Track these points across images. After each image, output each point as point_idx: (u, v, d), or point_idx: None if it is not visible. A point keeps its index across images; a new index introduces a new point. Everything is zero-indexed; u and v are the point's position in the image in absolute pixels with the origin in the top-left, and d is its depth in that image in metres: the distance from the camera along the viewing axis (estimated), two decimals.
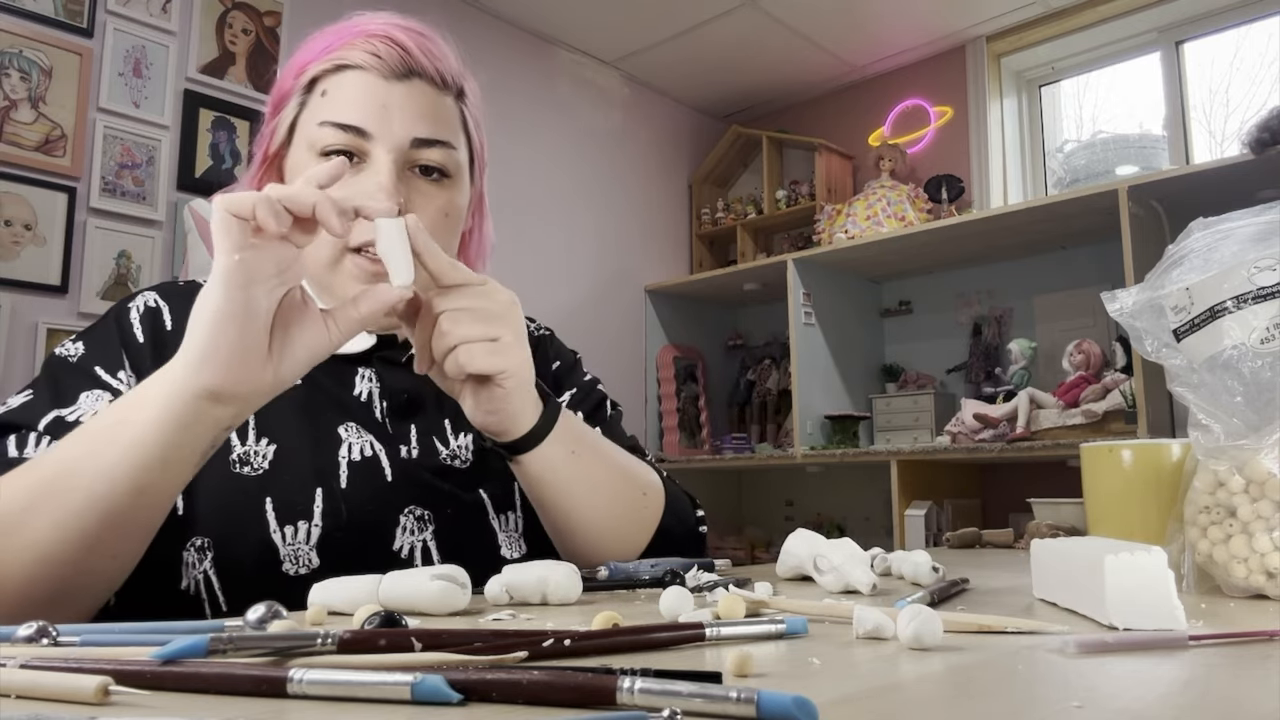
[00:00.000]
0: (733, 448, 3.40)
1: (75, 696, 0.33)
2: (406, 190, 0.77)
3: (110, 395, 0.73)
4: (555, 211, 3.35)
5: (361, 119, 0.75)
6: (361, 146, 0.76)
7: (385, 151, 0.76)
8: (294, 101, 0.79)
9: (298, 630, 0.40)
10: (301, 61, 0.80)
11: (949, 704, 0.34)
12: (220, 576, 0.72)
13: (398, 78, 0.77)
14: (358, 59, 0.76)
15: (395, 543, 0.76)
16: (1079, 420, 2.52)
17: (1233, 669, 0.39)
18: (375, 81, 0.76)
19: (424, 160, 0.78)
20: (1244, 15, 2.92)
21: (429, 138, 0.78)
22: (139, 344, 0.78)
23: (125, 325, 0.79)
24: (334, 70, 0.77)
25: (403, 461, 0.80)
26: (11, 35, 2.20)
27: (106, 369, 0.75)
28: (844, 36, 3.34)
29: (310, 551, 0.73)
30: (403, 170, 0.77)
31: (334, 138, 0.76)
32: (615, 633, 0.43)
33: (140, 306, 0.81)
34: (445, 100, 0.80)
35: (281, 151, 0.81)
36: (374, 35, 0.77)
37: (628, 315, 3.55)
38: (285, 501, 0.74)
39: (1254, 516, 0.62)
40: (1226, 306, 0.66)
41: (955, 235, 2.92)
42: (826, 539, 0.73)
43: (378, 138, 0.76)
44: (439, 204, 0.79)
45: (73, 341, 0.78)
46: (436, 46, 0.81)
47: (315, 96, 0.78)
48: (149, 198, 2.40)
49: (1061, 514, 1.14)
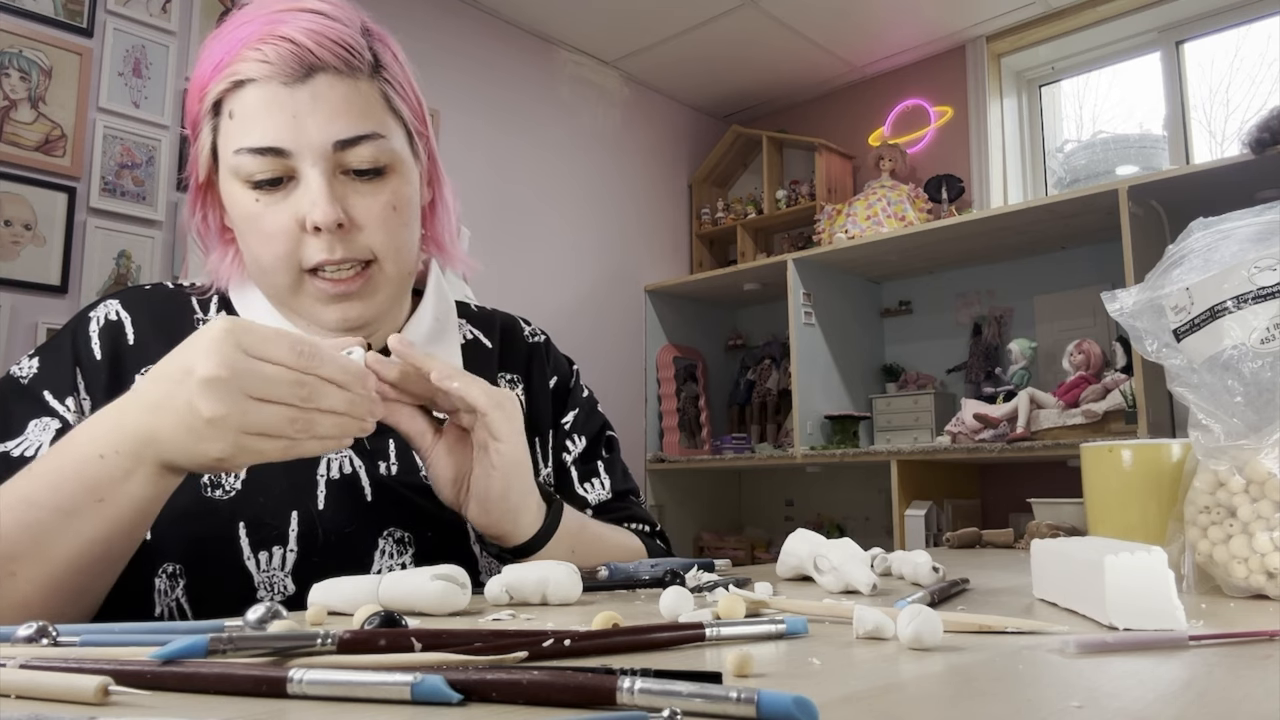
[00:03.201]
0: (733, 448, 3.40)
1: (75, 696, 0.33)
2: (345, 195, 0.72)
3: (58, 423, 0.71)
4: (555, 211, 3.35)
5: (274, 138, 0.70)
6: (286, 166, 0.71)
7: (310, 165, 0.71)
8: (206, 126, 0.74)
9: (298, 630, 0.40)
10: (201, 81, 0.73)
11: (949, 704, 0.34)
12: (193, 605, 0.70)
13: (298, 80, 0.70)
14: (250, 71, 0.70)
15: (374, 566, 0.74)
16: (1079, 420, 2.52)
17: (1233, 669, 0.39)
18: (276, 91, 0.70)
19: (354, 164, 0.72)
20: (1244, 15, 2.92)
21: (351, 136, 0.71)
22: (95, 361, 0.75)
23: (82, 341, 0.76)
24: (233, 88, 0.71)
25: (381, 478, 0.77)
26: (11, 35, 2.20)
27: (56, 394, 0.73)
28: (844, 36, 3.34)
29: (285, 579, 0.71)
30: (335, 176, 0.72)
31: (255, 165, 0.70)
32: (615, 633, 0.43)
33: (100, 319, 0.77)
34: (359, 85, 0.73)
35: (211, 178, 0.77)
36: (261, 40, 0.70)
37: (628, 315, 3.55)
38: (258, 525, 0.71)
39: (1254, 516, 0.62)
40: (1227, 306, 0.66)
41: (955, 235, 2.92)
42: (826, 539, 0.73)
43: (297, 152, 0.70)
44: (384, 200, 0.74)
45: (29, 357, 0.76)
46: (329, 25, 0.72)
47: (224, 120, 0.72)
48: (149, 198, 2.40)
49: (1061, 514, 1.14)
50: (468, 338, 0.91)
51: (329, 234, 0.71)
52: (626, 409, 3.44)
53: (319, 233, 0.71)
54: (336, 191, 0.71)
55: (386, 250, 0.75)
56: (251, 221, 0.72)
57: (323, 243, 0.72)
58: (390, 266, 0.75)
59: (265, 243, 0.72)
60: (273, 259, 0.73)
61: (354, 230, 0.73)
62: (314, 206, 0.70)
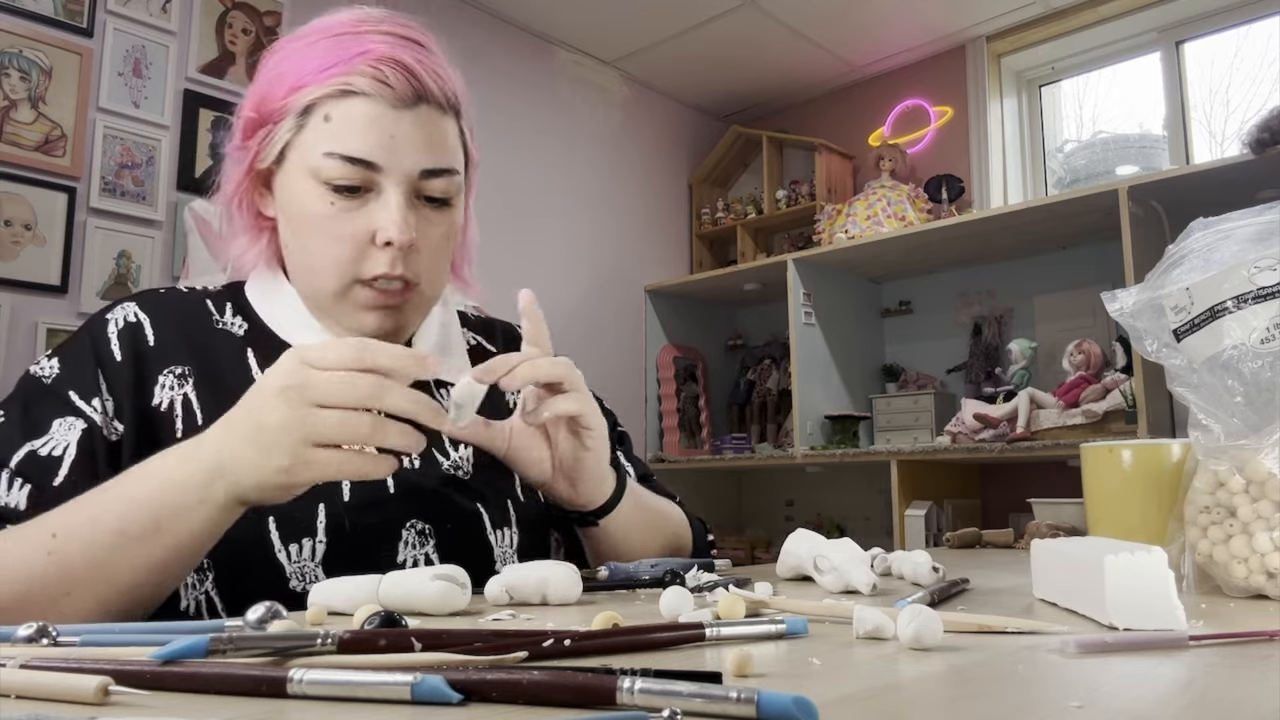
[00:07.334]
0: (733, 448, 3.40)
1: (75, 696, 0.33)
2: (414, 218, 0.76)
3: (84, 424, 0.72)
4: (555, 211, 3.35)
5: (370, 152, 0.74)
6: (370, 179, 0.75)
7: (394, 185, 0.75)
8: (289, 122, 0.76)
9: (298, 630, 0.40)
10: (297, 78, 0.76)
11: (949, 704, 0.34)
12: (222, 596, 0.71)
13: (406, 106, 0.75)
14: (365, 86, 0.74)
15: (399, 556, 0.76)
16: (1079, 420, 2.52)
17: (1233, 669, 0.39)
18: (383, 111, 0.74)
19: (430, 191, 0.78)
20: (1244, 15, 2.92)
21: (435, 168, 0.77)
22: (116, 363, 0.76)
23: (102, 342, 0.77)
24: (338, 95, 0.74)
25: (405, 472, 0.79)
26: (11, 35, 2.20)
27: (81, 394, 0.73)
28: (844, 36, 3.33)
29: (316, 568, 0.73)
30: (411, 198, 0.77)
31: (341, 171, 0.74)
32: (615, 633, 0.43)
33: (119, 320, 0.78)
34: (448, 123, 0.79)
35: (272, 169, 0.79)
36: (381, 60, 0.74)
37: (627, 315, 3.55)
38: (287, 519, 0.73)
39: (1254, 516, 0.62)
40: (1227, 306, 0.66)
41: (955, 235, 2.91)
42: (826, 539, 0.73)
43: (387, 170, 0.75)
44: (442, 230, 0.80)
45: (48, 358, 0.77)
46: (438, 63, 0.78)
47: (316, 120, 0.75)
48: (149, 198, 2.40)
49: (1061, 514, 1.14)
50: (471, 343, 0.95)
51: (396, 251, 0.76)
52: (626, 409, 3.43)
53: (388, 248, 0.75)
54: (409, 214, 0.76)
55: (431, 274, 0.80)
56: (321, 222, 0.76)
57: (386, 258, 0.76)
58: (428, 289, 0.80)
59: (329, 245, 0.76)
60: (331, 262, 0.76)
61: (413, 252, 0.77)
62: (393, 225, 0.74)
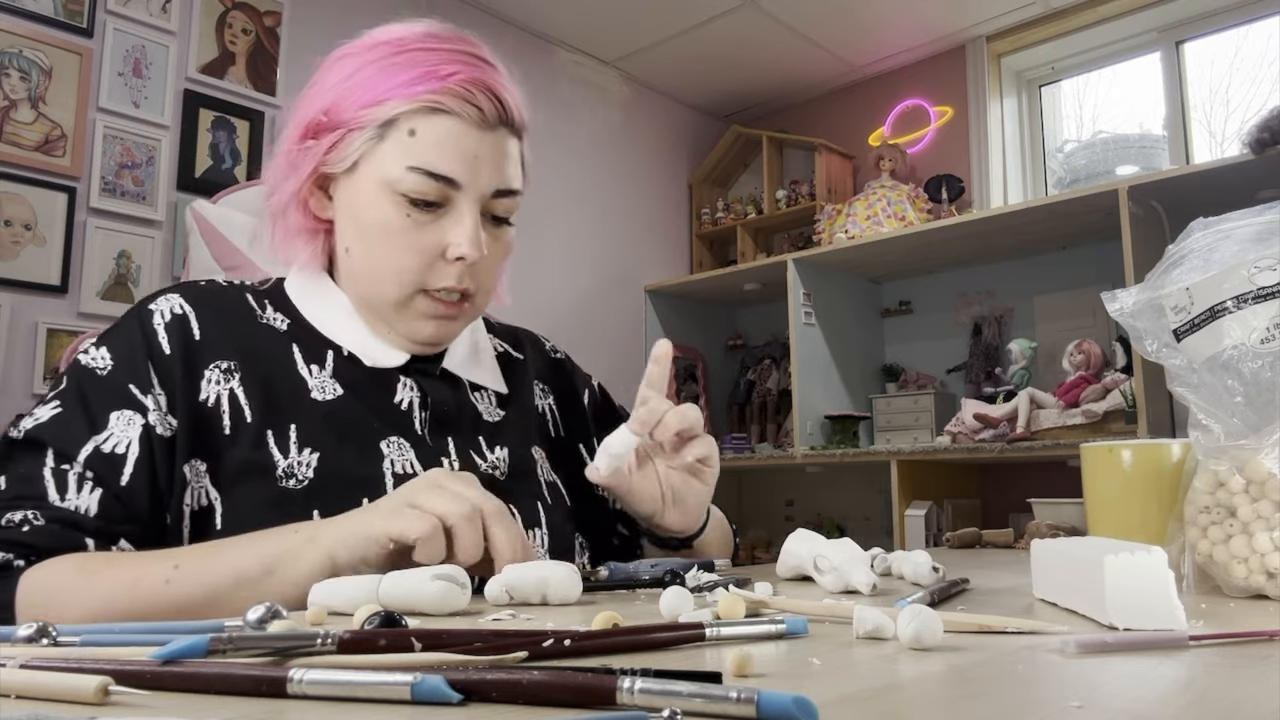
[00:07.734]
0: (733, 448, 3.40)
1: (75, 696, 0.33)
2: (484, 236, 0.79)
3: (143, 418, 0.72)
4: (555, 211, 3.35)
5: (453, 170, 0.76)
6: (447, 195, 0.77)
7: (470, 202, 0.78)
8: (369, 132, 0.77)
9: (298, 630, 0.40)
10: (381, 91, 0.77)
11: (949, 704, 0.34)
12: None
13: (488, 128, 0.78)
14: (455, 106, 0.76)
15: None
16: (1079, 420, 2.52)
17: (1233, 669, 0.39)
18: (469, 131, 0.77)
19: (497, 210, 0.81)
20: (1244, 15, 2.92)
21: (507, 189, 0.80)
22: (166, 356, 0.75)
23: (150, 333, 0.76)
24: (426, 111, 0.76)
25: None
26: (11, 35, 2.20)
27: (139, 386, 0.73)
28: (844, 36, 3.33)
29: None
30: (480, 216, 0.79)
31: (423, 185, 0.76)
32: (615, 633, 0.43)
33: (166, 312, 0.78)
34: (518, 146, 0.82)
35: (334, 173, 0.80)
36: (471, 83, 0.77)
37: (627, 315, 3.55)
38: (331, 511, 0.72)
39: (1254, 516, 0.62)
40: (1227, 306, 0.66)
41: (955, 235, 2.91)
42: (826, 539, 0.73)
43: (465, 188, 0.77)
44: (503, 246, 0.84)
45: (95, 347, 0.76)
46: (516, 90, 0.81)
47: (399, 133, 0.76)
48: (149, 198, 2.40)
49: (1061, 514, 1.14)
50: (497, 350, 0.96)
51: (465, 266, 0.79)
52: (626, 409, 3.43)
53: (458, 262, 0.78)
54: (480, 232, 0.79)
55: (484, 288, 0.83)
56: (394, 233, 0.78)
57: (455, 271, 0.79)
58: (480, 302, 0.84)
59: (400, 255, 0.78)
60: (399, 271, 0.78)
61: (476, 267, 0.80)
62: (468, 241, 0.77)
